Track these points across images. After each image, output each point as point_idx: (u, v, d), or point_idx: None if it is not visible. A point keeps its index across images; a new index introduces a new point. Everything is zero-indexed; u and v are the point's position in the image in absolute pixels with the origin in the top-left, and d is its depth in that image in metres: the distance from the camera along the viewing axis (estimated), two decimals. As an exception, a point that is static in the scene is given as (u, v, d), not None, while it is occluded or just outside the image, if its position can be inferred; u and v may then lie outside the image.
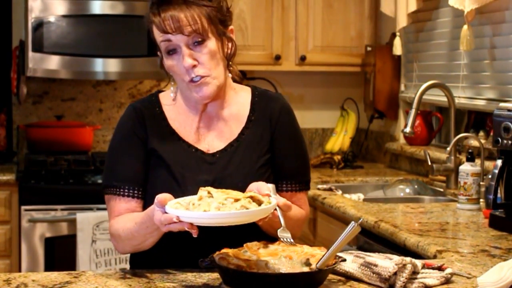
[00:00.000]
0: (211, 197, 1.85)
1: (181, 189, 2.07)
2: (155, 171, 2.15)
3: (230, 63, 2.20)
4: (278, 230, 1.94)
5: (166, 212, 1.86)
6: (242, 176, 2.12)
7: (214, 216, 1.81)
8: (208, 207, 1.82)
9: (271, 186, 1.98)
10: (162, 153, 2.15)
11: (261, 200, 1.89)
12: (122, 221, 2.11)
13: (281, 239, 1.94)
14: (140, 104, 2.23)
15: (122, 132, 2.20)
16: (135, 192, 2.14)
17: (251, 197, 1.87)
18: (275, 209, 1.92)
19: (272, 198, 1.91)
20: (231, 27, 2.18)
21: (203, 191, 1.88)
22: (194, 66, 2.09)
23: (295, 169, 2.22)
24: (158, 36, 2.11)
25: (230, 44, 2.18)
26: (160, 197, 1.89)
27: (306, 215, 2.25)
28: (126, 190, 2.14)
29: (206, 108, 2.20)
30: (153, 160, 2.16)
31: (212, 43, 2.11)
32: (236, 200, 1.84)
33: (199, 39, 2.09)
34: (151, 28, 2.13)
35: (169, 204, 1.87)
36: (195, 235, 1.85)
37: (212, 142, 2.19)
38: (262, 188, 1.95)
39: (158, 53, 2.20)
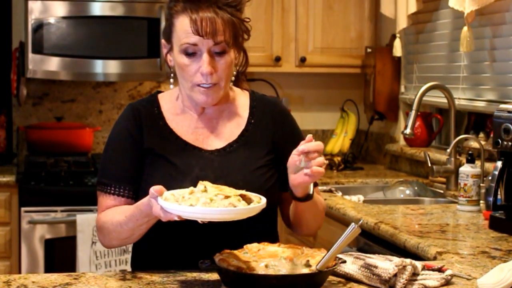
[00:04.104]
0: (205, 192, 1.86)
1: (180, 187, 2.06)
2: (152, 168, 2.15)
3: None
4: None
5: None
6: (243, 175, 2.12)
7: (198, 211, 1.82)
8: (195, 202, 1.84)
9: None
10: (160, 150, 2.15)
11: (252, 199, 1.90)
12: (110, 214, 2.12)
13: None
14: (139, 104, 2.24)
15: (117, 131, 2.22)
16: (122, 191, 2.15)
17: (242, 196, 1.88)
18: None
19: (263, 198, 1.93)
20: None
21: (200, 185, 1.89)
22: (211, 73, 2.09)
23: None
24: (182, 32, 2.08)
25: (243, 58, 2.20)
26: (156, 188, 1.89)
27: (326, 206, 2.30)
28: (113, 189, 2.15)
29: (205, 109, 2.21)
30: (150, 158, 2.16)
31: (231, 55, 2.12)
32: (227, 197, 1.85)
33: (222, 50, 2.09)
34: (175, 19, 2.10)
35: (163, 194, 1.88)
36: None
37: (212, 142, 2.19)
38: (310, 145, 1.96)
39: (163, 41, 2.18)
